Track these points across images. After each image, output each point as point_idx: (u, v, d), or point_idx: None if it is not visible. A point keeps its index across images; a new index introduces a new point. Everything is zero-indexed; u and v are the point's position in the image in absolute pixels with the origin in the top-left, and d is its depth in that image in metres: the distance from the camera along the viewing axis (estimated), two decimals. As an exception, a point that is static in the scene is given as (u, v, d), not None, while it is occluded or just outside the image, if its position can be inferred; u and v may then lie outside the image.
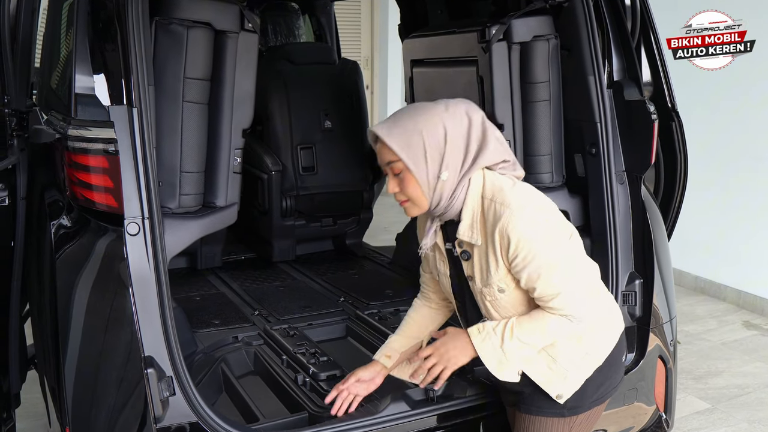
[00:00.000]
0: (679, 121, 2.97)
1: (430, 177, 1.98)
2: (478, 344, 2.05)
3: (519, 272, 1.98)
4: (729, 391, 4.15)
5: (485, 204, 2.01)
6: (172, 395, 2.18)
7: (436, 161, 1.98)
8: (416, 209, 2.06)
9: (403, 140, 1.97)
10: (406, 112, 2.05)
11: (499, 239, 1.96)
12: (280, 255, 4.34)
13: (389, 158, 2.00)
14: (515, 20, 3.00)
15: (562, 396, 2.09)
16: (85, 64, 2.31)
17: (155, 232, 2.20)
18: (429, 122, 1.99)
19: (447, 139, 1.98)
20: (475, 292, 2.11)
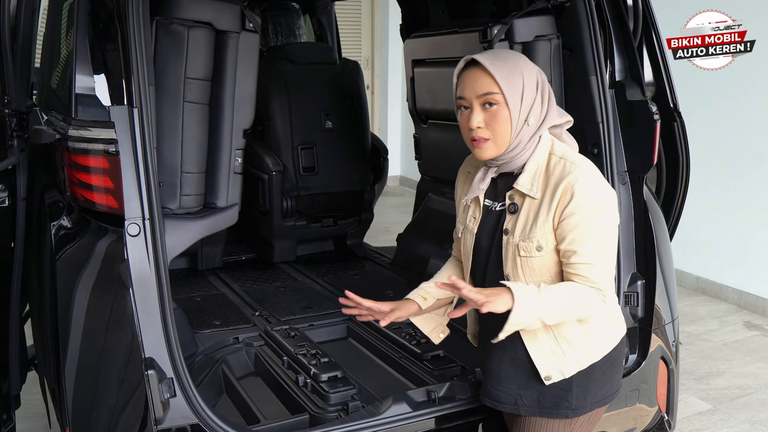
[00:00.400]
0: (681, 122, 2.96)
1: (521, 117, 1.98)
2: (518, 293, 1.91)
3: (566, 231, 1.95)
4: (730, 391, 4.14)
5: (552, 160, 2.00)
6: (172, 397, 2.17)
7: (527, 104, 1.98)
8: (493, 149, 2.00)
9: (506, 73, 1.95)
10: (504, 51, 2.09)
11: (561, 194, 1.94)
12: (281, 255, 4.34)
13: (488, 89, 1.96)
14: (517, 20, 3.00)
15: (551, 378, 2.06)
16: (86, 64, 2.30)
17: (156, 233, 2.19)
18: (527, 66, 2.00)
19: (539, 87, 2.00)
20: (508, 246, 2.04)
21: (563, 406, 2.08)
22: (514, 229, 2.03)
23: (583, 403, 2.09)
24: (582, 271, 1.95)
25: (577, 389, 2.07)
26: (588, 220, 1.94)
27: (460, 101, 2.02)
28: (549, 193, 1.97)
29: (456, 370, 2.84)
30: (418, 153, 4.18)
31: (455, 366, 2.86)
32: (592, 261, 1.95)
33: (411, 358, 2.95)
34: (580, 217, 1.93)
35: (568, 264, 1.98)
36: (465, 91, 2.00)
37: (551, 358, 2.05)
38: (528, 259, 2.01)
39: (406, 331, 3.12)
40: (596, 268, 1.95)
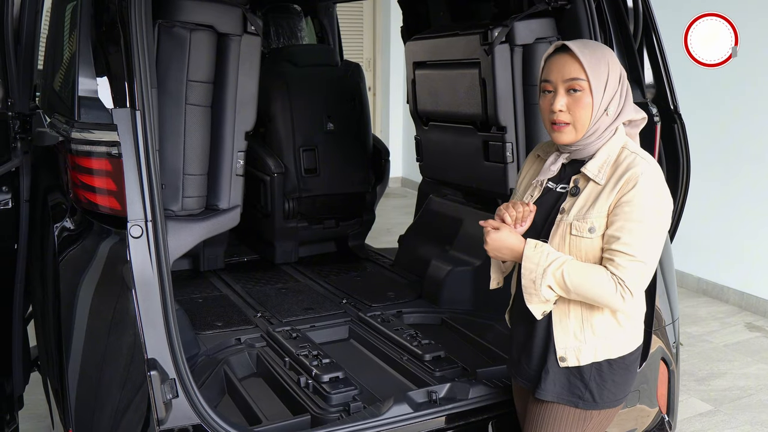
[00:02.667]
0: (681, 124, 2.96)
1: (602, 106, 2.03)
2: (527, 253, 2.04)
3: (617, 217, 1.98)
4: (731, 393, 4.14)
5: (623, 153, 2.05)
6: (175, 397, 2.18)
7: (609, 95, 2.03)
8: (572, 134, 2.06)
9: (593, 62, 2.01)
10: (593, 42, 2.15)
11: (624, 182, 1.98)
12: (283, 257, 4.35)
13: (575, 75, 2.02)
14: (518, 22, 3.01)
15: (565, 360, 2.09)
16: (89, 67, 2.31)
17: (158, 235, 2.20)
18: (613, 59, 2.07)
19: (621, 80, 2.06)
20: (560, 224, 2.08)
21: (575, 394, 2.11)
22: (570, 209, 2.07)
23: (594, 398, 2.11)
24: (618, 258, 1.97)
25: (592, 384, 2.10)
26: (641, 212, 1.97)
27: (545, 84, 2.08)
28: (613, 180, 2.02)
29: (457, 370, 2.85)
30: (419, 155, 4.19)
31: (456, 367, 2.87)
32: (631, 252, 1.96)
33: (412, 359, 2.95)
34: (634, 208, 1.96)
35: (608, 249, 2.00)
36: (551, 75, 2.05)
37: (572, 341, 2.08)
38: (578, 239, 2.04)
39: (408, 332, 3.13)
40: (634, 262, 1.96)
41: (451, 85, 3.56)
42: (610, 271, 1.98)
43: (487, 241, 2.10)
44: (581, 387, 2.10)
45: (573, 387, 2.11)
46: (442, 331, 3.35)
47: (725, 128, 5.35)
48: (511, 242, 2.08)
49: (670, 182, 3.05)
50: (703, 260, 5.62)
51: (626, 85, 2.10)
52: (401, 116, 9.38)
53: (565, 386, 2.12)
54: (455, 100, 3.55)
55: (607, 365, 2.11)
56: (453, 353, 2.98)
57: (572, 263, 2.01)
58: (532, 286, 2.04)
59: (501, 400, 2.56)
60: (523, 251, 2.05)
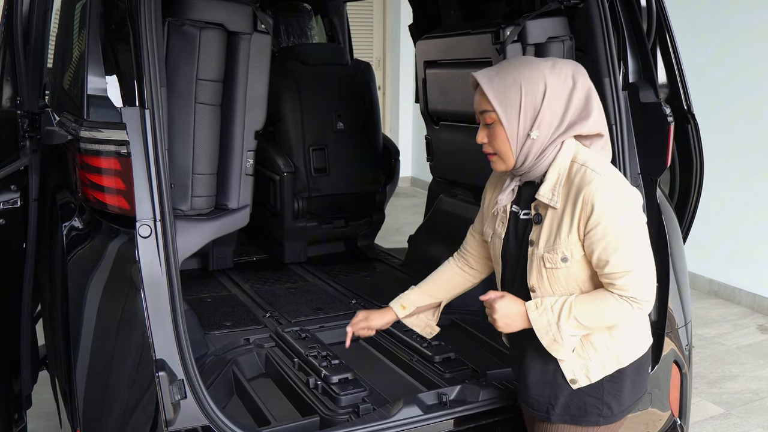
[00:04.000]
0: (695, 123, 2.94)
1: (521, 133, 1.95)
2: (534, 318, 2.00)
3: (594, 243, 1.91)
4: (743, 395, 4.11)
5: (574, 168, 1.96)
6: (183, 398, 2.17)
7: (529, 117, 1.95)
8: (502, 164, 2.02)
9: (500, 90, 1.94)
10: (511, 63, 2.01)
11: (581, 205, 1.91)
12: (292, 256, 4.34)
13: (484, 107, 1.97)
14: (530, 21, 2.98)
15: (576, 382, 2.04)
16: (98, 66, 2.30)
17: (167, 235, 2.19)
18: (531, 76, 1.95)
19: (545, 98, 1.94)
20: (533, 258, 2.03)
21: (593, 413, 2.07)
22: (538, 240, 2.01)
23: (612, 411, 2.08)
24: (617, 281, 1.92)
25: (608, 397, 2.06)
26: (614, 228, 1.90)
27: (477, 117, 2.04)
28: (570, 203, 1.94)
29: (467, 372, 2.83)
30: (429, 154, 4.17)
31: (467, 368, 2.85)
32: (627, 269, 1.91)
33: (422, 360, 2.94)
34: (605, 227, 1.90)
35: (602, 274, 1.95)
36: (475, 106, 2.03)
37: (577, 360, 2.04)
38: (553, 271, 2.00)
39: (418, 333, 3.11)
40: (632, 276, 1.92)
41: (462, 84, 3.53)
42: (615, 294, 1.94)
43: (496, 317, 2.04)
44: (598, 405, 2.07)
45: (590, 407, 2.07)
46: (452, 333, 3.33)
47: (736, 128, 5.31)
48: (517, 309, 2.03)
49: (683, 183, 3.05)
50: (714, 261, 5.58)
51: (575, 100, 1.97)
52: (411, 116, 9.37)
53: (581, 408, 2.07)
54: (466, 99, 3.50)
55: (619, 375, 2.07)
56: (463, 355, 2.96)
57: (579, 304, 1.96)
58: (555, 344, 2.00)
59: (512, 403, 2.53)
60: (528, 317, 2.01)
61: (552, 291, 2.02)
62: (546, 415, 2.11)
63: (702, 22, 5.40)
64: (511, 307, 2.03)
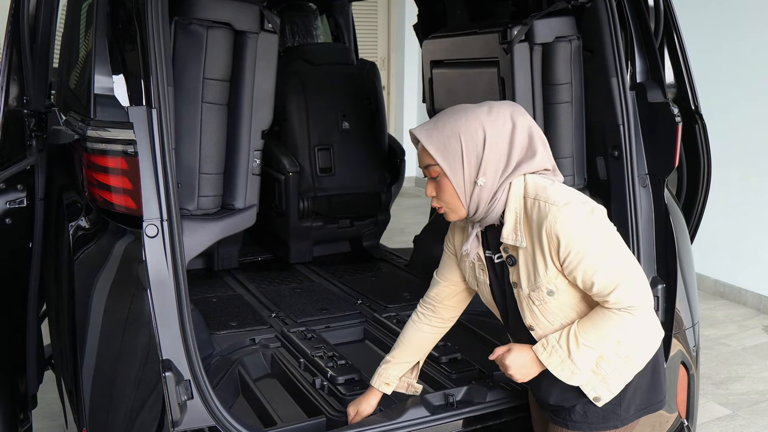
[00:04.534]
0: (702, 124, 2.93)
1: (467, 182, 1.94)
2: (545, 360, 1.99)
3: (573, 270, 1.90)
4: (750, 397, 4.10)
5: (528, 204, 1.95)
6: (189, 399, 2.16)
7: (473, 165, 1.93)
8: (453, 215, 2.01)
9: (440, 143, 1.93)
10: (447, 114, 1.99)
11: (547, 239, 1.90)
12: (297, 256, 4.33)
13: (427, 161, 1.97)
14: (537, 21, 2.97)
15: (600, 399, 2.03)
16: (104, 65, 2.30)
17: (174, 234, 2.18)
18: (468, 125, 1.93)
19: (486, 144, 1.92)
20: (521, 298, 2.03)
21: (612, 419, 2.06)
22: (520, 281, 2.01)
23: (629, 412, 2.07)
24: (608, 297, 1.91)
25: (625, 400, 2.06)
26: (588, 252, 1.88)
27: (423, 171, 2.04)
28: (536, 239, 1.93)
29: (474, 373, 2.82)
30: (435, 155, 4.15)
31: (473, 369, 2.85)
32: (614, 283, 1.90)
33: (428, 361, 2.92)
34: (577, 253, 1.88)
35: (593, 294, 1.94)
36: (419, 163, 2.04)
37: (594, 377, 2.03)
38: (543, 305, 1.99)
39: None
40: (621, 288, 1.90)
41: (469, 84, 3.52)
42: (613, 309, 1.92)
43: (511, 373, 2.05)
44: (616, 409, 2.06)
45: (608, 413, 2.06)
46: (459, 333, 3.30)
47: (741, 128, 5.30)
48: (527, 357, 2.03)
49: (690, 183, 3.04)
50: (720, 262, 5.57)
51: (518, 141, 1.95)
52: (415, 115, 9.36)
53: (599, 415, 2.07)
54: (473, 99, 3.47)
55: (635, 378, 2.06)
56: (469, 355, 2.95)
57: (583, 331, 1.95)
58: (574, 376, 1.99)
59: (519, 404, 2.52)
60: (540, 360, 2.01)
61: (550, 324, 2.01)
62: (564, 421, 2.11)
63: (707, 22, 5.39)
64: (521, 357, 2.04)
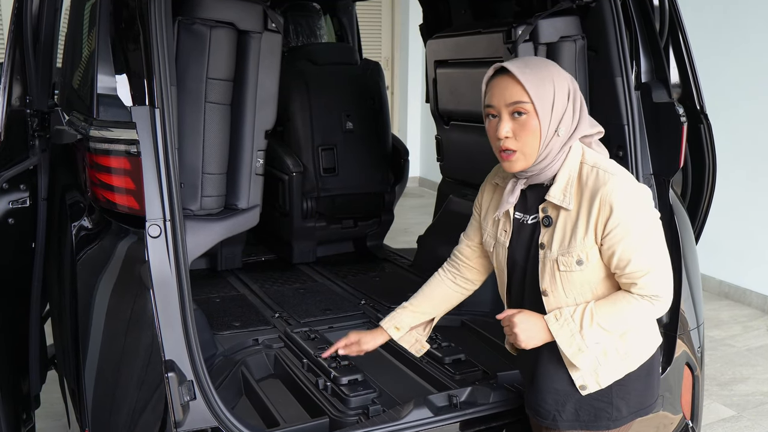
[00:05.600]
0: (707, 124, 2.91)
1: (551, 128, 1.92)
2: (555, 330, 1.96)
3: (614, 244, 1.89)
4: (755, 398, 4.08)
5: (584, 170, 1.95)
6: (192, 399, 2.15)
7: (558, 115, 1.92)
8: (522, 162, 1.95)
9: (536, 82, 1.90)
10: (535, 60, 1.99)
11: (598, 206, 1.89)
12: (301, 257, 4.33)
13: (517, 98, 1.90)
14: (542, 21, 2.96)
15: (586, 388, 2.02)
16: (108, 65, 2.29)
17: (177, 235, 2.17)
18: (560, 75, 1.94)
19: (570, 97, 1.94)
20: (545, 261, 1.99)
21: (603, 417, 2.05)
22: (551, 243, 1.98)
23: (622, 413, 2.05)
24: (638, 280, 1.91)
25: (617, 400, 2.04)
26: (635, 228, 1.89)
27: (489, 110, 1.97)
28: (585, 204, 1.92)
29: (478, 374, 2.82)
30: (440, 155, 4.15)
31: (477, 370, 2.84)
32: (647, 268, 1.90)
33: (432, 361, 2.92)
34: (625, 228, 1.88)
35: (623, 275, 1.93)
36: (494, 100, 1.95)
37: (587, 367, 2.01)
38: (568, 274, 1.97)
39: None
40: (654, 274, 1.91)
41: (473, 83, 3.51)
42: (636, 294, 1.92)
43: (517, 332, 2.00)
44: (608, 409, 2.04)
45: (599, 411, 2.05)
46: (462, 334, 3.31)
47: (746, 128, 5.28)
48: (537, 323, 2.00)
49: (695, 183, 3.02)
50: (725, 263, 5.55)
51: (579, 100, 1.98)
52: (419, 116, 9.36)
53: (591, 413, 2.05)
54: (477, 99, 3.48)
55: (627, 377, 2.05)
56: (473, 356, 2.95)
57: (599, 309, 1.94)
58: (580, 354, 1.97)
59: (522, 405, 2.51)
60: (549, 329, 1.98)
61: (565, 295, 1.99)
62: (553, 422, 2.09)
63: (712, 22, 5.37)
64: (531, 322, 2.00)
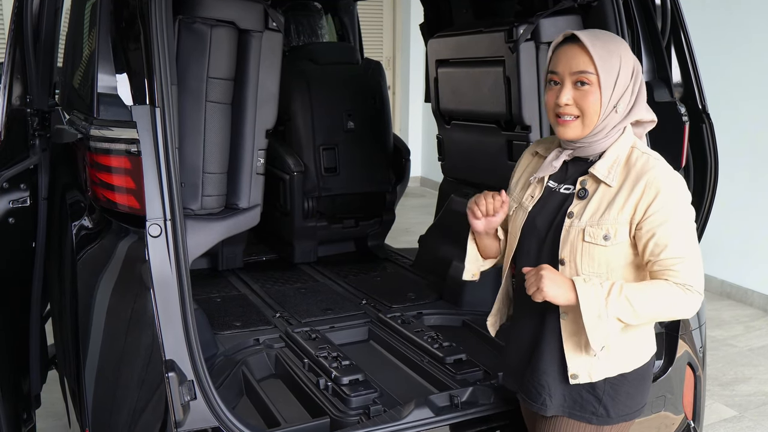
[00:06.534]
0: (709, 123, 2.91)
1: (611, 103, 1.94)
2: (581, 290, 1.90)
3: (653, 228, 1.90)
4: (757, 398, 4.08)
5: (634, 153, 1.97)
6: (193, 399, 2.15)
7: (620, 91, 1.94)
8: (577, 130, 1.96)
9: (604, 55, 1.91)
10: (605, 33, 2.00)
11: (643, 188, 1.90)
12: (302, 256, 4.33)
13: (583, 68, 1.91)
14: (543, 20, 2.96)
15: (577, 377, 2.01)
16: (108, 64, 2.29)
17: (177, 234, 2.17)
18: (628, 52, 1.96)
19: (634, 75, 1.96)
20: (570, 229, 1.98)
21: (588, 410, 2.04)
22: (581, 214, 1.98)
23: (608, 413, 2.04)
24: (673, 265, 1.90)
25: (606, 398, 2.03)
26: (676, 215, 1.90)
27: (552, 76, 1.98)
28: (629, 184, 1.93)
29: (479, 374, 2.81)
30: (441, 154, 4.15)
31: (478, 370, 2.83)
32: (684, 255, 1.90)
33: (433, 361, 2.91)
34: (668, 213, 1.89)
35: (657, 261, 1.92)
36: (559, 66, 1.96)
37: (585, 357, 2.00)
38: (591, 246, 1.96)
39: (428, 334, 3.09)
40: (687, 262, 1.90)
41: (474, 83, 3.51)
42: (670, 281, 1.90)
43: (545, 283, 1.91)
44: (594, 403, 2.03)
45: (585, 403, 2.03)
46: (463, 334, 3.31)
47: (747, 128, 5.27)
48: (567, 282, 1.94)
49: (697, 183, 3.01)
50: (726, 262, 5.54)
51: (640, 82, 1.99)
52: (420, 115, 9.35)
53: (577, 402, 2.04)
54: (479, 98, 3.50)
55: (620, 378, 2.03)
56: (474, 356, 2.94)
57: (629, 286, 1.91)
58: (598, 323, 1.91)
59: (524, 405, 2.51)
60: (576, 289, 1.91)
61: (581, 267, 1.97)
62: (542, 406, 2.07)
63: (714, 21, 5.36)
64: (559, 277, 1.94)
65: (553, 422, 2.09)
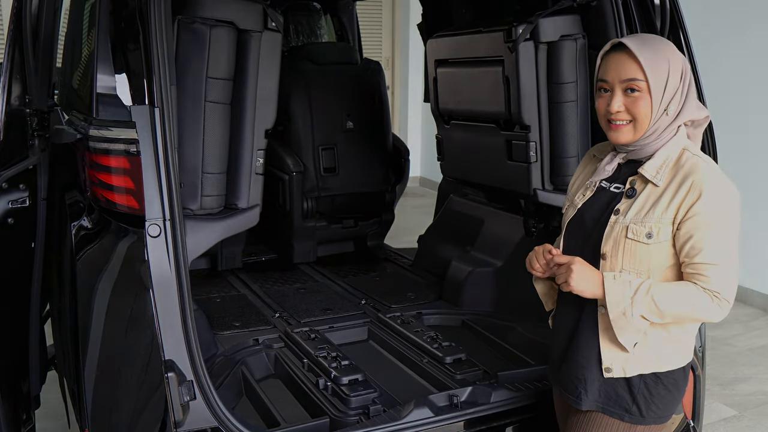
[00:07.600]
0: (709, 123, 2.90)
1: (661, 107, 1.96)
2: (609, 287, 1.95)
3: (692, 229, 1.90)
4: (756, 397, 4.08)
5: (685, 155, 1.98)
6: (192, 400, 2.15)
7: (669, 94, 1.96)
8: (629, 134, 1.98)
9: (653, 61, 1.93)
10: (652, 38, 2.03)
11: (688, 189, 1.91)
12: (301, 256, 4.33)
13: (633, 75, 1.94)
14: (542, 19, 2.96)
15: (611, 371, 2.02)
16: (107, 64, 2.29)
17: (176, 234, 2.17)
18: (676, 56, 1.97)
19: (683, 77, 1.98)
20: (614, 225, 2.00)
21: (622, 407, 2.04)
22: (627, 211, 2.00)
23: (641, 412, 2.04)
24: (705, 270, 1.90)
25: (640, 398, 2.03)
26: (715, 220, 1.90)
27: (602, 83, 2.00)
28: (675, 184, 1.94)
29: (478, 374, 2.81)
30: (440, 154, 4.15)
31: (477, 370, 2.83)
32: (717, 261, 1.90)
33: (433, 361, 2.92)
34: (707, 216, 1.90)
35: (690, 263, 1.93)
36: (608, 74, 1.98)
37: (620, 351, 2.01)
38: (633, 243, 1.97)
39: (428, 334, 3.09)
40: (720, 269, 1.90)
41: (473, 83, 3.51)
42: (699, 285, 1.91)
43: (574, 275, 1.96)
44: (628, 400, 2.04)
45: (620, 399, 2.04)
46: (463, 333, 3.31)
47: (747, 127, 5.27)
48: (593, 273, 1.98)
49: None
50: (726, 262, 5.53)
51: (689, 82, 2.01)
52: (420, 115, 9.35)
53: (611, 397, 2.05)
54: (478, 98, 3.50)
55: (655, 379, 2.03)
56: (474, 356, 2.94)
57: (658, 286, 1.93)
58: (623, 319, 1.94)
59: (523, 405, 2.51)
60: (603, 285, 1.95)
61: (621, 263, 1.99)
62: (577, 400, 2.09)
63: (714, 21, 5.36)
64: (589, 270, 1.98)
65: (586, 417, 2.09)
